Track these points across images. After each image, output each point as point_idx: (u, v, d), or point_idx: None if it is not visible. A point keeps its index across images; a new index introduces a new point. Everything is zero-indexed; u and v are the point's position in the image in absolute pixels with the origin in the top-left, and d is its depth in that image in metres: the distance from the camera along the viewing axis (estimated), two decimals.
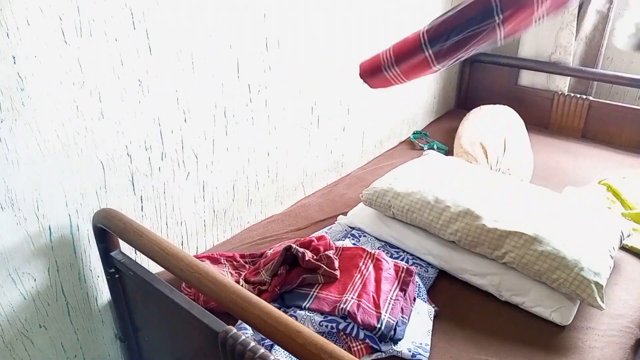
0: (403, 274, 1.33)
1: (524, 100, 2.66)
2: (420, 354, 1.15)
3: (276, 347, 1.13)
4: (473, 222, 1.39)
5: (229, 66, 1.42)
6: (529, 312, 1.30)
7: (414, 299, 1.31)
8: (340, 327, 1.16)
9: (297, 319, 1.16)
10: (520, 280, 1.34)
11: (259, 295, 1.23)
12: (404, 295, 1.28)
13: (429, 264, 1.46)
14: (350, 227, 1.63)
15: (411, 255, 1.49)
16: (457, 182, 1.58)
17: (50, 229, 1.14)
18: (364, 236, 1.57)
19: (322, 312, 1.20)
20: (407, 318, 1.23)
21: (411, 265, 1.44)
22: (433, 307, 1.30)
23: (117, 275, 1.23)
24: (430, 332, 1.23)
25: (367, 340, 1.15)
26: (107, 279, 1.25)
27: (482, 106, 2.46)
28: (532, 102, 2.64)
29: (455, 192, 1.50)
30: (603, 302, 1.25)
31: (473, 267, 1.39)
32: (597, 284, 1.25)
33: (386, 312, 1.19)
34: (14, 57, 0.97)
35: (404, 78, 1.22)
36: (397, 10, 2.05)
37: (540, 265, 1.29)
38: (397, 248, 1.52)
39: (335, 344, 0.84)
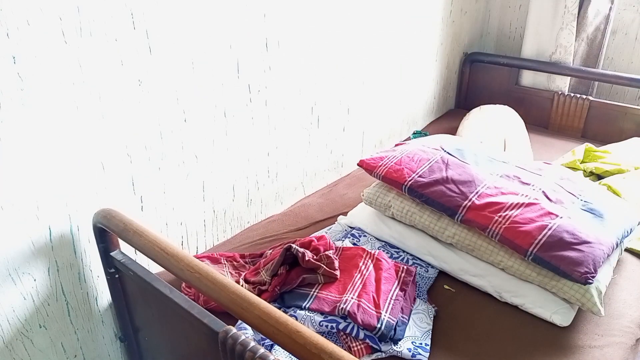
0: (403, 274, 1.33)
1: (524, 100, 2.65)
2: (420, 354, 1.15)
3: (276, 347, 1.13)
4: (470, 228, 1.39)
5: (229, 66, 1.42)
6: (529, 313, 1.30)
7: (414, 299, 1.31)
8: (340, 327, 1.16)
9: (297, 319, 1.16)
10: (520, 281, 1.33)
11: (259, 295, 1.23)
12: (404, 295, 1.28)
13: (429, 264, 1.46)
14: (350, 227, 1.63)
15: (411, 255, 1.49)
16: None
17: (50, 229, 1.14)
18: (364, 236, 1.57)
19: (322, 312, 1.20)
20: (407, 318, 1.23)
21: (411, 265, 1.44)
22: (433, 307, 1.30)
23: (117, 275, 1.23)
24: (430, 332, 1.23)
25: (367, 340, 1.15)
26: (107, 279, 1.25)
27: (482, 106, 2.46)
28: (532, 102, 2.64)
29: None
30: (602, 308, 1.24)
31: (473, 268, 1.39)
32: (597, 289, 1.25)
33: (386, 312, 1.19)
34: (14, 57, 0.97)
35: None
36: (397, 9, 2.05)
37: (538, 272, 1.29)
38: (397, 248, 1.52)
39: (335, 344, 0.84)
